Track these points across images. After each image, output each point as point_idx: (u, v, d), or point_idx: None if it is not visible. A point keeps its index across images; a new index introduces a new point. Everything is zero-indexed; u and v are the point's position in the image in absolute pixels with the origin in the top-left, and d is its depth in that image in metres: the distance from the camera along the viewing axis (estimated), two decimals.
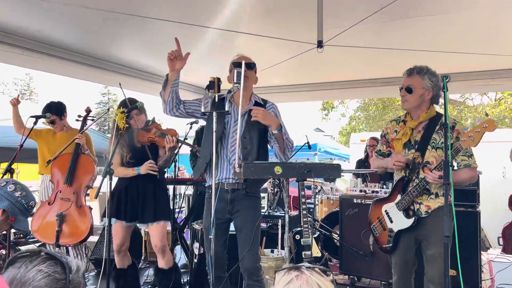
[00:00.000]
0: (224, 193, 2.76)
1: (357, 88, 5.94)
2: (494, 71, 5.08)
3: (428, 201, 2.65)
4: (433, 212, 2.62)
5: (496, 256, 5.32)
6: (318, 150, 10.13)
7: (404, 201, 2.68)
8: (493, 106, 18.27)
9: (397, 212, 2.72)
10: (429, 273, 2.61)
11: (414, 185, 2.63)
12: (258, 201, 2.74)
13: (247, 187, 2.74)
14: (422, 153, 2.63)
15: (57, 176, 3.74)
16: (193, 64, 5.24)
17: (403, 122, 2.79)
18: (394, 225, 2.75)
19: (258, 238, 2.79)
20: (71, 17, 3.81)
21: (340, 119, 24.50)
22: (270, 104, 2.92)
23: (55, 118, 4.09)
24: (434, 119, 2.67)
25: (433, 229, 2.58)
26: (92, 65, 4.68)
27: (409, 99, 2.67)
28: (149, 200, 3.39)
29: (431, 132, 2.63)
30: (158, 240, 3.40)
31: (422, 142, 2.64)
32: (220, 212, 2.75)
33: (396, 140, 2.76)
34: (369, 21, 3.87)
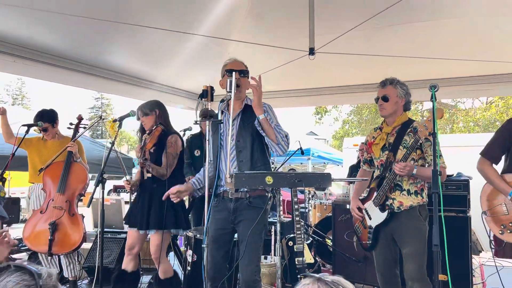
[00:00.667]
0: (227, 202, 2.73)
1: (349, 93, 5.99)
2: (485, 76, 5.14)
3: (401, 197, 2.87)
4: (406, 211, 2.84)
5: (487, 260, 5.36)
6: (311, 155, 10.16)
7: (379, 197, 2.91)
8: (484, 109, 18.46)
9: (374, 209, 2.95)
10: (406, 270, 2.82)
11: (386, 180, 2.87)
12: (260, 212, 2.63)
13: (251, 197, 2.70)
14: (394, 152, 2.90)
15: (49, 184, 3.72)
16: (185, 70, 5.29)
17: (380, 129, 3.09)
18: (372, 222, 2.97)
19: (260, 250, 2.74)
20: (63, 24, 3.81)
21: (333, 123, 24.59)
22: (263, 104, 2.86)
23: (47, 126, 4.05)
24: (406, 123, 2.95)
25: (407, 228, 2.83)
26: (83, 72, 4.67)
27: (386, 107, 2.96)
28: (146, 208, 3.39)
29: (403, 134, 2.91)
30: (152, 250, 3.41)
31: (395, 143, 2.93)
32: (223, 222, 2.73)
33: (374, 145, 3.05)
34: (360, 28, 3.91)
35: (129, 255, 3.51)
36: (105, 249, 4.53)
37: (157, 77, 5.51)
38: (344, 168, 10.27)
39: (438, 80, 2.60)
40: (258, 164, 2.75)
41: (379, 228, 2.93)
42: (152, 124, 3.43)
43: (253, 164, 2.73)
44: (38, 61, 4.22)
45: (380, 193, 2.90)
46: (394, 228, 2.88)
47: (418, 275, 2.76)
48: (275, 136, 2.68)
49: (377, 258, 3.02)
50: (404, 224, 2.83)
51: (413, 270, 2.77)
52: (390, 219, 2.86)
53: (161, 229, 3.36)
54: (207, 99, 2.72)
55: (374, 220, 2.96)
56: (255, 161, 2.74)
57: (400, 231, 2.86)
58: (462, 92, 6.05)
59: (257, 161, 2.75)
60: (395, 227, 2.87)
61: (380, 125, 3.14)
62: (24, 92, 43.08)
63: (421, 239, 2.81)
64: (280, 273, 2.33)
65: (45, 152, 4.04)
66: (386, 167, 2.93)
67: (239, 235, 2.73)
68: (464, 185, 3.88)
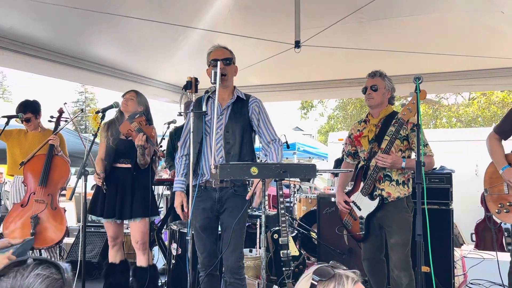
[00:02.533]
0: (211, 192, 2.73)
1: (334, 88, 6.00)
2: (467, 71, 5.21)
3: (390, 187, 2.93)
4: (393, 202, 2.91)
5: (469, 252, 5.46)
6: (297, 150, 10.19)
7: (367, 186, 2.95)
8: (467, 105, 18.75)
9: (363, 198, 2.99)
10: (393, 259, 2.90)
11: (373, 168, 2.91)
12: (245, 200, 2.69)
13: (235, 186, 2.71)
14: (379, 143, 2.96)
15: (30, 177, 3.65)
16: (172, 64, 5.23)
17: (365, 121, 3.14)
18: (363, 212, 3.01)
19: (243, 237, 2.77)
20: (46, 14, 3.73)
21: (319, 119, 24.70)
22: (253, 99, 2.85)
23: (30, 116, 3.95)
24: (390, 115, 3.01)
25: (394, 219, 2.90)
26: (67, 64, 4.58)
27: (374, 97, 3.01)
28: (127, 196, 3.35)
29: (387, 126, 2.96)
30: (139, 236, 3.38)
31: (379, 134, 2.98)
32: (208, 211, 2.73)
33: (362, 137, 3.07)
34: (345, 21, 3.92)
35: (115, 245, 3.50)
36: (88, 243, 4.48)
37: (141, 70, 5.44)
38: (329, 162, 10.33)
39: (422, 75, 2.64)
40: (246, 158, 2.75)
41: (369, 219, 2.98)
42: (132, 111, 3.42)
43: (241, 158, 2.72)
44: (19, 52, 4.12)
45: (368, 182, 2.94)
46: (382, 218, 2.94)
47: (404, 264, 2.83)
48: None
49: (365, 246, 3.09)
50: (392, 214, 2.90)
51: (399, 259, 2.84)
52: (380, 206, 2.91)
53: (147, 216, 3.36)
54: (191, 91, 2.69)
55: (364, 210, 3.00)
56: (243, 155, 2.74)
57: (388, 221, 2.92)
58: (445, 87, 6.11)
59: (245, 155, 2.75)
60: (383, 216, 2.94)
61: (365, 117, 3.17)
62: (6, 86, 42.27)
63: (407, 230, 2.87)
64: (264, 264, 2.33)
65: (26, 144, 3.95)
66: (370, 157, 2.97)
67: (224, 222, 2.73)
68: (446, 178, 3.93)
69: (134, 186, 3.39)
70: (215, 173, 2.17)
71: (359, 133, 3.12)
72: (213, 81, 2.54)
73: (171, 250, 3.70)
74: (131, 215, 3.34)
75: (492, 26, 4.07)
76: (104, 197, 3.38)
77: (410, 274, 2.86)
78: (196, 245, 2.74)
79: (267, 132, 2.83)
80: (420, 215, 2.16)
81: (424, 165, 2.29)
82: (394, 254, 2.88)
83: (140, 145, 3.20)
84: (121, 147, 3.39)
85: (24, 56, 4.17)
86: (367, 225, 2.99)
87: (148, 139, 3.23)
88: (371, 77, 3.06)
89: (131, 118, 3.29)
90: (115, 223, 3.41)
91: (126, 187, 3.37)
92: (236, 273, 2.69)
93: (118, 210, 3.34)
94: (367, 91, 3.03)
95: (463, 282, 4.32)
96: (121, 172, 3.41)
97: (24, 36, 4.02)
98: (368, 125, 3.08)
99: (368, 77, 3.08)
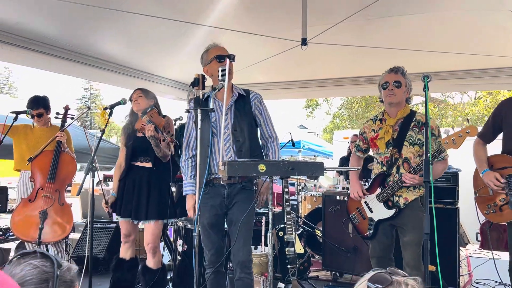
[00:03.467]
0: (219, 189, 2.73)
1: (340, 86, 5.99)
2: (474, 70, 5.18)
3: (407, 193, 2.85)
4: (410, 203, 2.85)
5: (474, 252, 5.44)
6: (302, 148, 10.18)
7: (385, 194, 2.89)
8: (473, 104, 18.64)
9: (378, 204, 2.94)
10: (405, 257, 2.86)
11: (395, 180, 2.83)
12: (252, 194, 2.72)
13: (243, 182, 2.72)
14: (399, 149, 2.84)
15: (38, 173, 3.68)
16: (178, 61, 5.24)
17: (380, 120, 2.98)
18: (375, 215, 2.97)
19: (252, 231, 2.79)
20: (52, 10, 3.74)
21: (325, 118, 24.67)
22: (254, 94, 2.87)
23: (42, 112, 4.00)
24: (408, 116, 2.88)
25: (409, 218, 2.84)
26: (73, 60, 4.61)
27: (397, 93, 2.83)
28: (142, 197, 3.33)
29: (406, 129, 2.84)
30: (151, 239, 3.36)
31: (398, 139, 2.85)
32: (217, 207, 2.74)
33: (378, 140, 2.94)
34: (352, 19, 3.90)
35: (127, 242, 3.50)
36: (94, 238, 4.50)
37: (147, 67, 5.45)
38: (334, 160, 10.31)
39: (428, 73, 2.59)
40: (256, 153, 2.77)
41: (380, 221, 2.94)
42: (145, 108, 3.41)
43: (252, 153, 2.73)
44: (26, 48, 4.15)
45: (387, 192, 2.88)
46: (397, 221, 2.89)
47: (416, 263, 2.80)
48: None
49: (374, 244, 3.03)
50: (407, 214, 2.86)
51: (412, 258, 2.82)
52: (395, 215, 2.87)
53: (162, 219, 3.35)
54: (198, 88, 2.69)
55: (377, 214, 2.96)
56: (254, 150, 2.75)
57: (403, 220, 2.87)
58: (451, 86, 6.09)
59: (255, 150, 2.77)
60: (398, 219, 2.88)
61: (381, 116, 3.00)
62: (12, 82, 42.49)
63: (421, 229, 2.80)
64: (271, 261, 2.34)
65: (33, 140, 3.98)
66: (391, 164, 2.88)
67: (233, 216, 2.73)
68: (453, 177, 3.92)
69: (151, 186, 3.35)
70: (223, 170, 2.17)
71: (375, 135, 2.97)
72: (221, 78, 2.53)
73: (177, 246, 3.72)
74: (146, 216, 3.31)
75: (499, 25, 4.04)
76: (122, 196, 3.39)
77: (422, 272, 2.83)
78: (203, 242, 2.74)
79: (266, 129, 2.86)
80: (428, 214, 2.16)
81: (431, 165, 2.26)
82: (407, 252, 2.85)
83: (151, 136, 3.16)
84: (139, 145, 3.38)
85: (30, 51, 4.20)
86: (375, 228, 2.96)
87: (156, 127, 3.18)
88: (394, 72, 2.85)
89: (143, 113, 3.30)
90: (131, 222, 3.40)
91: (142, 188, 3.34)
92: (247, 267, 2.69)
93: (134, 211, 3.33)
94: (389, 87, 2.82)
95: (468, 281, 4.31)
96: (139, 172, 3.39)
97: (31, 31, 4.04)
98: (384, 125, 2.93)
99: (390, 72, 2.87)
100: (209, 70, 2.79)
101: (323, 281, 4.42)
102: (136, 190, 3.35)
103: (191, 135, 2.87)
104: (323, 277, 4.51)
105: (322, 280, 4.46)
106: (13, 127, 3.97)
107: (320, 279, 4.48)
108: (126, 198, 3.38)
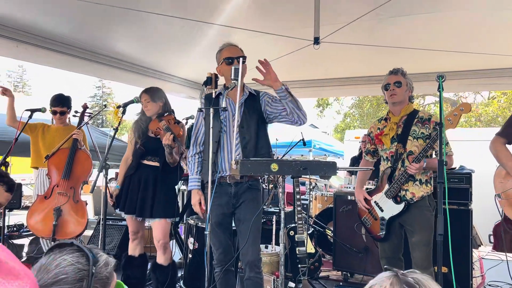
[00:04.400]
0: (226, 187, 2.75)
1: (352, 85, 5.96)
2: (488, 70, 5.12)
3: (413, 187, 2.91)
4: (417, 202, 2.89)
5: (487, 254, 5.38)
6: (313, 147, 10.15)
7: (393, 189, 2.93)
8: (486, 105, 18.41)
9: (387, 201, 2.97)
10: (414, 257, 2.89)
11: (401, 173, 2.89)
12: (259, 193, 2.74)
13: (250, 181, 2.73)
14: (403, 144, 2.94)
15: (54, 170, 3.73)
16: (190, 60, 5.26)
17: (385, 120, 3.12)
18: (385, 213, 2.99)
19: (260, 230, 2.80)
20: (67, 9, 3.78)
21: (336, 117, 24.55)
22: (263, 93, 2.91)
23: (66, 110, 4.13)
24: (412, 114, 3.01)
25: (416, 218, 2.89)
26: (86, 58, 4.66)
27: (398, 92, 2.99)
28: (148, 195, 3.35)
29: (410, 125, 2.95)
30: (161, 236, 3.37)
31: (403, 134, 2.96)
32: (224, 206, 2.75)
33: (383, 136, 3.04)
34: (365, 18, 3.87)
35: (135, 239, 3.54)
36: (106, 236, 4.55)
37: (159, 65, 5.48)
38: (345, 160, 10.27)
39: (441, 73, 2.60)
40: (262, 151, 2.77)
41: (390, 220, 2.96)
42: (156, 111, 3.44)
43: (258, 151, 2.74)
44: (40, 47, 4.21)
45: (394, 186, 2.93)
46: (404, 218, 2.93)
47: (425, 263, 2.82)
48: (298, 103, 2.71)
49: (384, 246, 3.07)
50: (414, 214, 2.89)
51: (421, 258, 2.83)
52: (405, 210, 2.90)
53: (168, 217, 3.37)
54: (211, 87, 2.71)
55: (387, 212, 2.98)
56: (260, 148, 2.76)
57: (410, 220, 2.91)
58: (464, 86, 6.03)
59: (261, 148, 2.77)
60: (405, 216, 2.92)
61: (386, 115, 3.15)
62: (25, 80, 43.05)
63: (429, 229, 2.86)
64: (283, 260, 2.34)
65: (49, 138, 4.05)
66: (396, 159, 2.96)
67: (241, 215, 2.74)
68: (466, 178, 3.88)
69: (157, 185, 3.36)
70: (236, 169, 2.17)
71: (379, 131, 3.09)
72: (234, 77, 2.55)
73: (188, 244, 3.74)
74: (151, 214, 3.33)
75: None
76: (127, 192, 3.40)
77: (431, 273, 2.84)
78: (211, 241, 2.75)
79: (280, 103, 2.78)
80: (442, 215, 2.14)
81: (446, 164, 2.27)
82: (416, 253, 2.87)
83: (167, 144, 3.19)
84: (149, 145, 3.40)
85: (45, 50, 4.26)
86: (388, 226, 2.98)
87: (176, 138, 3.22)
88: (394, 74, 3.04)
89: (160, 117, 3.32)
90: (136, 219, 3.42)
91: (148, 186, 3.36)
92: (256, 267, 2.70)
93: (138, 208, 3.34)
94: (391, 87, 3.01)
95: (481, 283, 4.27)
96: (146, 170, 3.41)
97: (46, 31, 4.10)
98: (389, 123, 3.06)
99: (391, 74, 3.06)
100: (221, 70, 2.85)
101: (334, 281, 4.41)
102: (142, 187, 3.37)
103: (199, 130, 2.89)
104: (334, 277, 4.50)
105: (332, 280, 4.45)
106: (31, 125, 4.05)
107: (331, 279, 4.47)
108: (131, 194, 3.39)
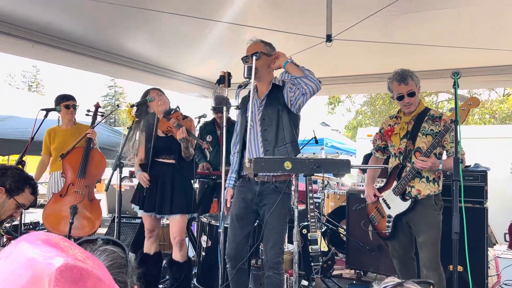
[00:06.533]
0: (253, 184, 2.74)
1: (364, 83, 5.93)
2: (502, 66, 5.05)
3: (420, 184, 2.85)
4: (423, 200, 2.84)
5: (502, 252, 5.31)
6: (325, 145, 10.11)
7: (400, 186, 2.90)
8: (501, 101, 18.15)
9: (394, 198, 2.95)
10: (422, 258, 2.85)
11: (408, 170, 2.85)
12: (285, 197, 2.66)
13: (277, 182, 2.68)
14: (413, 140, 2.88)
15: (69, 169, 3.77)
16: (201, 58, 5.28)
17: (396, 118, 3.06)
18: (392, 211, 2.97)
19: (284, 234, 2.76)
20: (81, 10, 3.83)
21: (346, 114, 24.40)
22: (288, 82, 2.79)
23: (76, 104, 4.09)
24: (423, 112, 2.93)
25: (423, 217, 2.84)
26: (99, 58, 4.71)
27: (413, 102, 2.89)
28: (167, 191, 3.36)
29: (420, 122, 2.89)
30: (178, 232, 3.39)
31: (413, 131, 2.90)
32: (248, 202, 2.75)
33: (393, 135, 3.01)
34: (378, 15, 3.85)
35: (151, 237, 3.55)
36: (121, 233, 4.58)
37: (171, 64, 5.51)
38: (357, 158, 10.21)
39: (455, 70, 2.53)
40: (285, 141, 2.68)
41: (397, 217, 2.94)
42: (168, 104, 3.47)
43: (279, 142, 2.68)
44: (55, 47, 4.27)
45: (401, 183, 2.89)
46: (411, 216, 2.90)
47: (433, 264, 2.79)
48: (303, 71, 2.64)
49: (394, 245, 3.04)
50: (420, 213, 2.86)
51: (428, 259, 2.80)
52: (411, 207, 2.87)
53: (187, 213, 3.39)
54: (224, 85, 2.72)
55: (394, 209, 2.96)
56: (281, 138, 2.68)
57: (416, 220, 2.88)
58: (478, 82, 5.93)
59: (283, 139, 2.69)
60: (412, 215, 2.89)
61: (397, 113, 3.10)
62: (39, 79, 43.64)
63: (435, 228, 2.82)
64: (297, 258, 2.34)
65: (59, 140, 4.03)
66: (405, 155, 2.92)
67: (264, 218, 2.72)
68: (481, 176, 3.82)
69: (175, 181, 3.38)
70: (249, 167, 2.17)
71: (390, 128, 3.06)
72: (245, 76, 2.57)
73: (201, 242, 3.75)
74: (170, 211, 3.34)
75: None
76: (145, 190, 3.42)
77: (439, 273, 2.80)
78: (227, 234, 2.76)
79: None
80: (457, 213, 2.12)
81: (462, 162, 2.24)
82: (423, 253, 2.84)
83: (183, 138, 3.21)
84: (161, 145, 3.41)
85: (59, 50, 4.32)
86: (394, 224, 2.96)
87: (189, 131, 3.25)
88: (403, 82, 2.83)
89: (167, 115, 3.33)
90: (154, 216, 3.44)
91: (166, 182, 3.37)
92: (275, 268, 2.69)
93: (158, 205, 3.36)
94: (405, 99, 2.85)
95: (496, 282, 4.21)
96: (162, 167, 3.42)
97: (60, 31, 4.15)
98: (399, 121, 3.01)
99: (400, 83, 2.85)
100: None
101: (347, 280, 4.39)
102: (160, 185, 3.38)
103: (236, 130, 2.93)
104: (347, 276, 4.49)
105: (345, 278, 4.44)
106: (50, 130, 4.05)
107: (344, 277, 4.46)
108: (149, 192, 3.41)
